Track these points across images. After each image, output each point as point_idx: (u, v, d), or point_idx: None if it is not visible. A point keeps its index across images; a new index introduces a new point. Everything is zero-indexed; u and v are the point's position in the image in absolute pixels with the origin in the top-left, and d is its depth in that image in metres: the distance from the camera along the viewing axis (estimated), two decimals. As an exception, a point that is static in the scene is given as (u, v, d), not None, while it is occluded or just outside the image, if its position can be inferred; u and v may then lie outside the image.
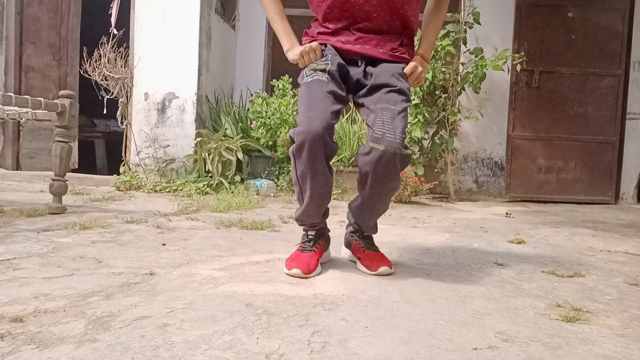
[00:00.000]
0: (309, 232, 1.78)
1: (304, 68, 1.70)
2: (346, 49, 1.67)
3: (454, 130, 4.59)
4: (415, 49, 1.80)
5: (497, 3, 4.90)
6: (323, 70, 1.62)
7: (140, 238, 2.14)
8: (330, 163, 1.64)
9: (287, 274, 1.64)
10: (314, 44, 1.67)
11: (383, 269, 1.68)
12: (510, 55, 4.48)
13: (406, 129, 1.59)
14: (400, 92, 1.62)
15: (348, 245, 1.87)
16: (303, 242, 1.77)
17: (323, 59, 1.67)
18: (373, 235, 1.86)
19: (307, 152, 1.53)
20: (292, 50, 1.71)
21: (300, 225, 1.81)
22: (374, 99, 1.62)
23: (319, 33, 1.75)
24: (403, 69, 1.69)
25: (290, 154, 1.62)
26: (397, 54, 1.71)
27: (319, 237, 1.78)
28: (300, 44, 1.73)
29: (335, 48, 1.68)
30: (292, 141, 1.58)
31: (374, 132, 1.55)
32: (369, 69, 1.68)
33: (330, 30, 1.71)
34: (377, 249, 1.81)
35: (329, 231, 1.88)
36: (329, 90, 1.59)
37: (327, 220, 1.84)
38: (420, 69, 1.71)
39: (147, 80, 4.40)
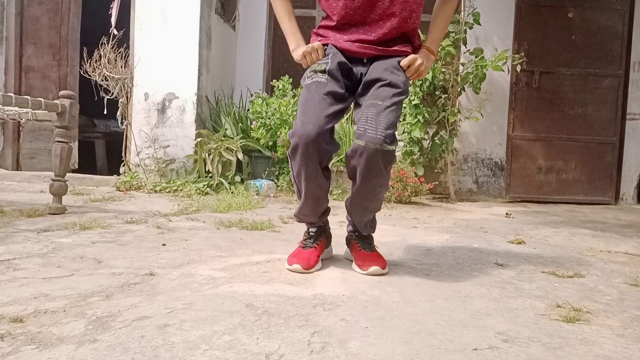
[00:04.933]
0: (310, 229, 1.83)
1: (306, 68, 1.71)
2: (345, 49, 1.68)
3: (454, 130, 4.59)
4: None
5: (497, 3, 4.90)
6: (323, 71, 1.63)
7: (140, 238, 2.14)
8: (329, 165, 1.66)
9: (288, 269, 1.69)
10: (316, 43, 1.69)
11: (373, 268, 1.69)
12: (510, 56, 4.48)
13: (394, 124, 1.56)
14: (391, 85, 1.60)
15: (348, 243, 1.90)
16: (304, 239, 1.81)
17: (324, 58, 1.67)
18: (373, 235, 1.86)
19: (300, 155, 1.56)
20: (297, 51, 1.73)
21: (298, 222, 1.86)
22: (367, 97, 1.63)
23: (320, 27, 1.77)
24: (399, 62, 1.68)
25: (288, 154, 1.66)
26: (395, 48, 1.69)
27: (319, 234, 1.82)
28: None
29: (336, 47, 1.69)
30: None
31: (358, 128, 1.57)
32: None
33: (333, 25, 1.71)
34: (373, 249, 1.81)
35: (330, 228, 1.90)
36: (327, 91, 1.60)
37: (327, 219, 1.87)
38: (419, 60, 1.68)
39: (147, 81, 4.40)
